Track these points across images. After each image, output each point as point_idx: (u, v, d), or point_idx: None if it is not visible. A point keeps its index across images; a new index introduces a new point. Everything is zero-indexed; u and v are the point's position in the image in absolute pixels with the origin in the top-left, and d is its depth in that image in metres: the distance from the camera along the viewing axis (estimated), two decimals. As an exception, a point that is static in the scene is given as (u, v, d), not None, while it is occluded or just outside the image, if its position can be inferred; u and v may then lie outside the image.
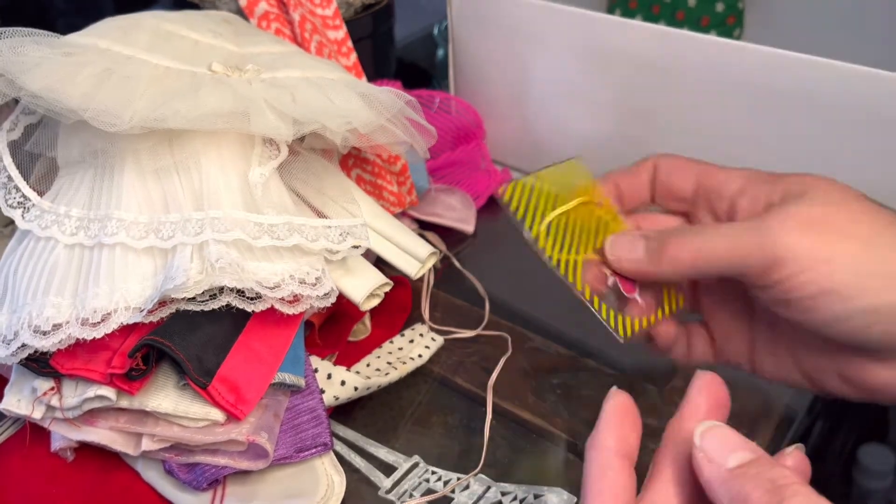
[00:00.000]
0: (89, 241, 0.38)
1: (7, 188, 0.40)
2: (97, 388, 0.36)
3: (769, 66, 0.46)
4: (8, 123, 0.42)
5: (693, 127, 0.52)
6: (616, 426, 0.30)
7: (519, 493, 0.39)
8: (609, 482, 0.28)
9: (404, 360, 0.45)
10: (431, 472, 0.40)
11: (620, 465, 0.29)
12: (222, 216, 0.38)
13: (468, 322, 0.50)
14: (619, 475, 0.29)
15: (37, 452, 0.40)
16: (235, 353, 0.38)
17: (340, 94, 0.43)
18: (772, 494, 0.25)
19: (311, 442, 0.39)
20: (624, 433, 0.29)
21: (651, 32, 0.50)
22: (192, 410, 0.37)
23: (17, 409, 0.37)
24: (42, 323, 0.35)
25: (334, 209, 0.43)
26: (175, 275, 0.36)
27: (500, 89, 0.62)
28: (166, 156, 0.40)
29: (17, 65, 0.37)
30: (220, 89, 0.40)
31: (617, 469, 0.29)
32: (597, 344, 0.48)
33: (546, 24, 0.55)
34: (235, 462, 0.38)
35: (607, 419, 0.30)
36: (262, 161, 0.41)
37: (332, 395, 0.41)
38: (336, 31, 0.55)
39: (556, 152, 0.61)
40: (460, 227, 0.58)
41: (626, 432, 0.30)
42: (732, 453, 0.27)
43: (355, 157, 0.51)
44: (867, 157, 0.45)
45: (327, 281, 0.40)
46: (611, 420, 0.30)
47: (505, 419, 0.43)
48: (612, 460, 0.29)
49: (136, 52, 0.41)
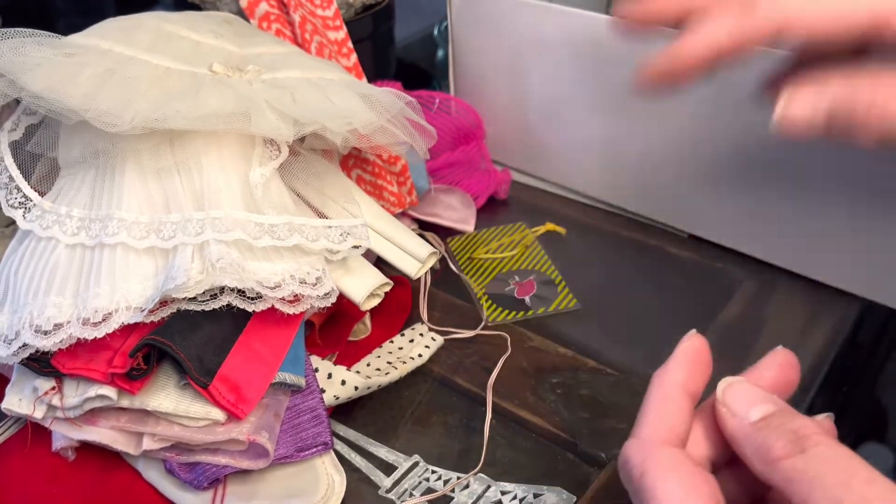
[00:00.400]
0: (90, 241, 0.38)
1: (8, 188, 0.40)
2: (98, 388, 0.36)
3: (768, 66, 0.46)
4: (9, 124, 0.42)
5: (692, 127, 0.52)
6: (686, 364, 0.30)
7: (519, 492, 0.39)
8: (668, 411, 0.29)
9: (404, 360, 0.45)
10: (431, 471, 0.40)
11: (682, 398, 0.29)
12: (223, 216, 0.38)
13: (467, 322, 0.50)
14: (679, 407, 0.29)
15: (38, 452, 0.40)
16: (236, 353, 0.38)
17: (341, 94, 0.43)
18: (794, 444, 0.26)
19: (311, 441, 0.39)
20: (692, 372, 0.30)
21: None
22: (192, 410, 0.37)
23: (19, 409, 0.37)
24: (43, 323, 0.36)
25: (335, 209, 0.43)
26: (176, 275, 0.36)
27: (500, 90, 0.62)
28: (167, 156, 0.40)
29: (19, 65, 0.37)
30: (221, 90, 0.41)
31: (678, 401, 0.29)
32: (597, 344, 0.48)
33: (546, 24, 0.55)
34: (236, 461, 0.38)
35: (679, 356, 0.30)
36: (263, 161, 0.41)
37: (332, 394, 0.41)
38: (336, 32, 0.55)
39: (556, 152, 0.61)
40: (460, 227, 0.58)
41: (694, 372, 0.30)
42: (755, 407, 0.28)
43: (355, 158, 0.51)
44: (867, 157, 0.45)
45: (328, 281, 0.40)
46: (682, 358, 0.30)
47: (505, 419, 0.43)
48: (675, 392, 0.29)
49: (138, 53, 0.41)
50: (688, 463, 0.27)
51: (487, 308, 0.51)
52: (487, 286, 0.53)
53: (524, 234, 0.57)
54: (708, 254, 0.55)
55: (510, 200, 0.63)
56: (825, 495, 0.24)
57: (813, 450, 0.25)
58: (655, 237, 0.57)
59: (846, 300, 0.50)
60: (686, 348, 0.30)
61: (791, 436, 0.26)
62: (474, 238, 0.58)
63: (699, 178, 0.54)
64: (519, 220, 0.59)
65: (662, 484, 0.26)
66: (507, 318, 0.50)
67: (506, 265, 0.55)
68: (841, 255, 0.49)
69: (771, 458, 0.26)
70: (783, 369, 0.30)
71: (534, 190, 0.64)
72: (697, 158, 0.53)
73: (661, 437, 0.28)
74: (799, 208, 0.50)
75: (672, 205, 0.56)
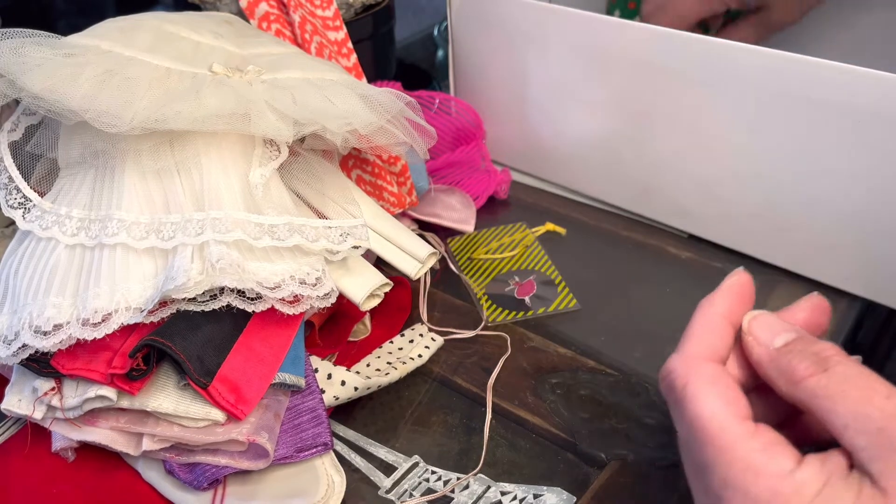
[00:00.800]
0: (90, 241, 0.38)
1: (8, 189, 0.40)
2: (98, 389, 0.36)
3: (768, 67, 0.46)
4: (9, 124, 0.42)
5: (692, 128, 0.52)
6: (731, 296, 0.32)
7: (518, 492, 0.39)
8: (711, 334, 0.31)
9: (404, 360, 0.45)
10: (431, 471, 0.40)
11: (724, 325, 0.31)
12: (223, 217, 0.38)
13: (467, 322, 0.50)
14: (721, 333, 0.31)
15: (37, 452, 0.40)
16: (236, 354, 0.38)
17: (341, 95, 0.43)
18: (817, 364, 0.28)
19: (311, 442, 0.39)
20: (735, 304, 0.32)
21: (650, 33, 0.50)
22: (192, 410, 0.37)
23: (18, 410, 0.37)
24: (43, 323, 0.36)
25: (334, 210, 0.43)
26: (176, 275, 0.36)
27: (500, 90, 0.62)
28: (167, 156, 0.40)
29: (19, 66, 0.37)
30: (221, 90, 0.41)
31: (720, 327, 0.31)
32: (597, 344, 0.48)
33: (546, 24, 0.55)
34: (236, 462, 0.38)
35: (725, 289, 0.32)
36: (263, 162, 0.41)
37: (332, 395, 0.41)
38: (336, 32, 0.55)
39: (556, 152, 0.61)
40: (460, 227, 0.58)
41: (737, 304, 0.32)
42: (778, 335, 0.30)
43: (355, 158, 0.51)
44: (867, 157, 0.45)
45: (327, 281, 0.40)
46: (728, 291, 0.32)
47: (505, 419, 0.43)
48: (717, 319, 0.31)
49: (138, 54, 0.41)
50: (728, 378, 0.29)
51: (487, 308, 0.51)
52: (487, 286, 0.53)
53: (524, 234, 0.57)
54: (708, 254, 0.55)
55: (510, 200, 0.63)
56: (848, 408, 0.26)
57: (835, 368, 0.28)
58: (655, 237, 0.57)
59: (846, 300, 0.50)
60: (732, 283, 0.32)
61: (814, 357, 0.28)
62: (474, 238, 0.58)
63: (699, 178, 0.54)
64: (519, 220, 0.59)
65: (705, 395, 0.28)
66: (507, 318, 0.50)
67: (506, 265, 0.55)
68: (841, 255, 0.49)
69: (796, 378, 0.28)
70: (815, 312, 0.32)
71: (534, 190, 0.64)
72: (697, 158, 0.53)
73: (704, 354, 0.30)
74: (799, 208, 0.50)
75: (672, 205, 0.56)
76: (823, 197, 0.48)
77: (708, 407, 0.28)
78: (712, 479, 0.27)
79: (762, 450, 0.27)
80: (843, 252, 0.49)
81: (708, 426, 0.28)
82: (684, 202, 0.55)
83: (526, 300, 0.51)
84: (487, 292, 0.52)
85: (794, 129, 0.47)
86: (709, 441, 0.28)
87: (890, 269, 0.48)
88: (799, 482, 0.26)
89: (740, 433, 0.27)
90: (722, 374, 0.29)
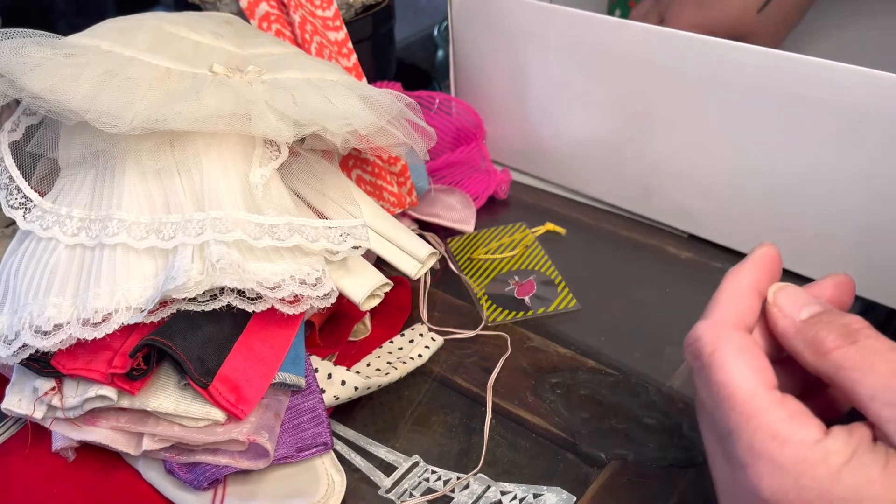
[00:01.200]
0: (90, 241, 0.38)
1: (8, 189, 0.40)
2: (98, 388, 0.36)
3: (768, 66, 0.46)
4: (9, 124, 0.42)
5: (692, 128, 0.52)
6: (758, 266, 0.32)
7: (518, 492, 0.39)
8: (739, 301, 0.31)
9: (404, 360, 0.45)
10: (431, 471, 0.40)
11: (751, 294, 0.31)
12: (223, 217, 0.38)
13: (467, 322, 0.50)
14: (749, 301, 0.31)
15: (38, 452, 0.40)
16: (236, 353, 0.38)
17: (341, 95, 0.43)
18: (846, 337, 0.28)
19: (311, 441, 0.39)
20: (762, 274, 0.32)
21: (650, 33, 0.50)
22: (192, 410, 0.37)
23: (19, 409, 0.37)
24: (43, 323, 0.36)
25: (335, 210, 0.43)
26: (176, 275, 0.36)
27: (500, 90, 0.62)
28: (167, 156, 0.40)
29: (19, 66, 0.37)
30: (221, 91, 0.41)
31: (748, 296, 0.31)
32: (597, 344, 0.48)
33: (546, 24, 0.55)
34: (236, 461, 0.38)
35: (753, 259, 0.32)
36: (263, 162, 0.41)
37: (332, 394, 0.41)
38: (336, 33, 0.55)
39: (556, 152, 0.61)
40: (460, 227, 0.58)
41: (764, 274, 0.32)
42: (804, 307, 0.30)
43: (355, 158, 0.51)
44: (867, 157, 0.45)
45: (327, 281, 0.40)
46: (756, 261, 0.32)
47: (505, 419, 0.43)
48: (745, 288, 0.31)
49: (138, 54, 0.41)
50: (756, 347, 0.29)
51: (487, 308, 0.51)
52: (487, 286, 0.53)
53: (524, 234, 0.57)
54: (708, 254, 0.55)
55: (510, 200, 0.63)
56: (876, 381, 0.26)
57: (864, 341, 0.27)
58: (655, 237, 0.57)
59: (846, 300, 0.50)
60: (761, 254, 0.32)
61: (842, 329, 0.28)
62: (474, 238, 0.58)
63: (699, 177, 0.54)
64: (519, 220, 0.59)
65: (734, 361, 0.28)
66: (507, 318, 0.50)
67: (506, 265, 0.55)
68: (841, 255, 0.49)
69: (823, 349, 0.28)
70: (840, 289, 0.33)
71: (534, 190, 0.64)
72: (697, 158, 0.53)
73: (732, 321, 0.30)
74: (798, 208, 0.50)
75: (672, 205, 0.56)
76: (823, 197, 0.48)
77: (736, 374, 0.28)
78: (737, 445, 0.27)
79: (790, 418, 0.27)
80: (842, 252, 0.49)
81: (736, 393, 0.28)
82: (684, 202, 0.55)
83: (526, 300, 0.51)
84: (487, 292, 0.52)
85: (794, 129, 0.47)
86: (736, 408, 0.28)
87: (890, 269, 0.48)
88: (826, 451, 0.26)
89: (768, 401, 0.27)
90: (750, 342, 0.29)
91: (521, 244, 0.56)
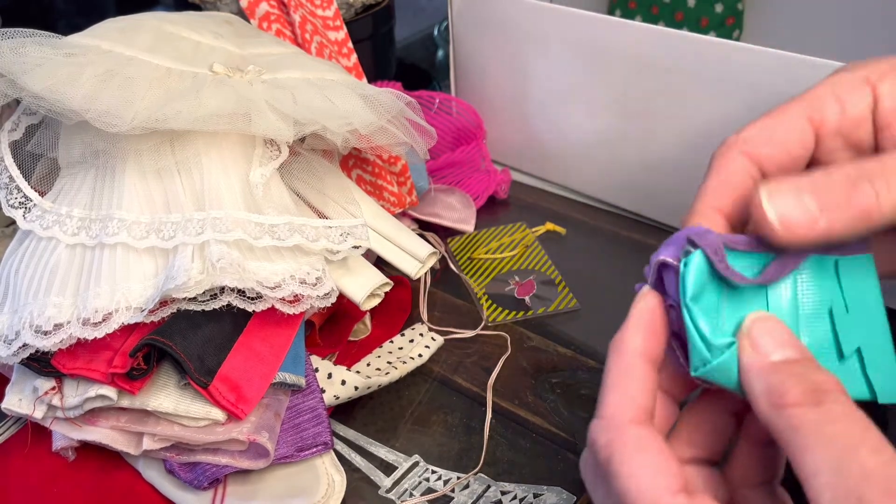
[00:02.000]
0: (91, 241, 0.38)
1: (9, 188, 0.40)
2: (98, 388, 0.36)
3: (768, 66, 0.46)
4: (9, 124, 0.42)
5: (692, 128, 0.52)
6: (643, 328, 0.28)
7: (518, 492, 0.39)
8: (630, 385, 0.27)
9: (404, 360, 0.45)
10: (431, 471, 0.40)
11: (643, 367, 0.28)
12: (223, 216, 0.38)
13: (467, 322, 0.50)
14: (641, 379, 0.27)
15: (38, 452, 0.40)
16: (236, 353, 0.38)
17: (341, 95, 0.43)
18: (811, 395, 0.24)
19: (311, 441, 0.39)
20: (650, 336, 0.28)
21: (651, 33, 0.50)
22: (192, 410, 0.37)
23: (19, 409, 0.37)
24: (43, 323, 0.36)
25: (335, 209, 0.43)
26: (176, 274, 0.36)
27: (500, 90, 0.62)
28: (168, 156, 0.40)
29: (19, 65, 0.37)
30: (221, 90, 0.41)
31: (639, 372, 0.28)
32: (597, 344, 0.48)
33: (546, 24, 0.55)
34: (236, 461, 0.38)
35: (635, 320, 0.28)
36: (263, 161, 0.41)
37: (332, 394, 0.41)
38: (336, 32, 0.55)
39: (556, 152, 0.61)
40: (460, 227, 0.58)
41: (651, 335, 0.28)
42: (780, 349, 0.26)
43: (356, 158, 0.51)
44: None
45: (328, 281, 0.40)
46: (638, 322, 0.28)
47: (505, 419, 0.43)
48: (635, 361, 0.28)
49: (138, 53, 0.41)
50: (655, 443, 0.26)
51: (487, 308, 0.51)
52: (487, 286, 0.53)
53: (524, 234, 0.57)
54: (708, 254, 0.55)
55: (510, 200, 0.63)
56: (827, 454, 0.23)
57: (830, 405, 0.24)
58: (655, 237, 0.57)
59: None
60: (641, 310, 0.28)
61: (811, 386, 0.24)
62: (474, 238, 0.58)
63: (699, 178, 0.54)
64: (519, 220, 0.59)
65: (629, 467, 0.25)
66: (507, 318, 0.50)
67: (506, 265, 0.55)
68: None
69: (782, 402, 0.24)
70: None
71: (534, 190, 0.64)
72: (697, 158, 0.53)
73: (625, 415, 0.27)
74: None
75: (672, 205, 0.56)
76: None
77: (634, 482, 0.25)
78: None
79: None
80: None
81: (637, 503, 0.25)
82: (684, 202, 0.55)
83: (526, 300, 0.51)
84: (487, 292, 0.52)
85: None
86: None
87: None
88: None
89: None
90: (649, 440, 0.26)
91: (521, 244, 0.56)
